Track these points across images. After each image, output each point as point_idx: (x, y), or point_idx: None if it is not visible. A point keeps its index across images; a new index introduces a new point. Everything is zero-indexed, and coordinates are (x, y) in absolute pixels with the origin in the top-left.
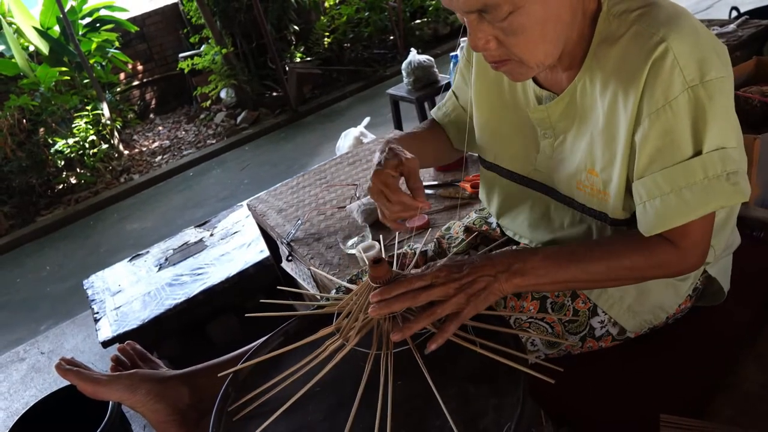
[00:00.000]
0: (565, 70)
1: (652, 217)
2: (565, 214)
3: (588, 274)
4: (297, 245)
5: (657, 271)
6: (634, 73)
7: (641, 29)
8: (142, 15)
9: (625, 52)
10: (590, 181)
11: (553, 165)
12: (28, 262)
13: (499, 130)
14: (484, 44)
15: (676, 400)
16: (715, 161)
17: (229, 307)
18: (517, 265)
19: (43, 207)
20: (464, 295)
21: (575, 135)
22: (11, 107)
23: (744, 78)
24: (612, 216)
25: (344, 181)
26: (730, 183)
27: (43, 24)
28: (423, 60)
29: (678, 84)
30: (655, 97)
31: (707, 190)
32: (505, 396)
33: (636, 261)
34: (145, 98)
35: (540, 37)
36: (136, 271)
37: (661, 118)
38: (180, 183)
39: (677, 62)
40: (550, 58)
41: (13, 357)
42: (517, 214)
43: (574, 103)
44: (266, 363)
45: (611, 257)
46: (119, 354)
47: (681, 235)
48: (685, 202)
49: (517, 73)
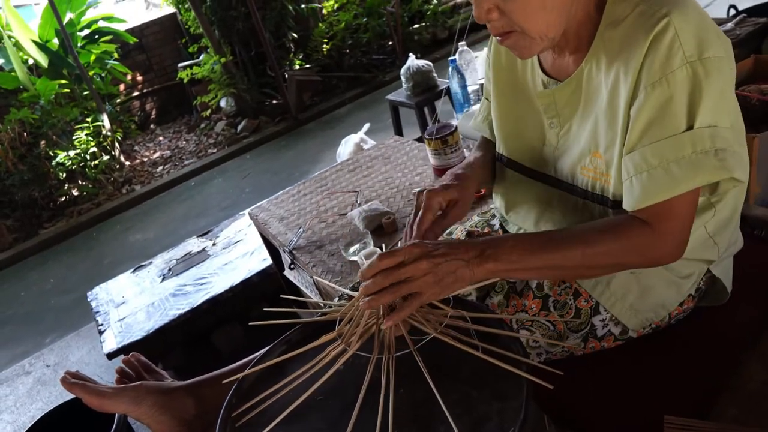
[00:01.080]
0: (573, 53)
1: (637, 192)
2: (567, 203)
3: (562, 260)
4: (299, 253)
5: (633, 256)
6: (636, 48)
7: (645, 8)
8: (141, 26)
9: (629, 31)
10: (594, 164)
11: (558, 155)
12: (32, 275)
13: (508, 119)
14: (487, 13)
15: (680, 401)
16: (705, 137)
17: (234, 316)
18: (489, 251)
19: (46, 220)
20: (432, 276)
21: (580, 120)
22: (12, 121)
23: (743, 76)
24: (613, 198)
25: (345, 188)
26: (717, 159)
27: (42, 37)
28: (422, 65)
29: (677, 58)
30: (653, 69)
31: (694, 165)
32: (508, 400)
33: (611, 246)
34: (146, 109)
35: (539, 3)
36: (139, 282)
37: (656, 90)
38: (182, 193)
39: (678, 37)
40: (552, 30)
41: (19, 370)
42: (522, 206)
43: (580, 88)
44: (270, 372)
45: (586, 243)
46: (124, 366)
47: (659, 216)
48: (672, 176)
49: (521, 46)
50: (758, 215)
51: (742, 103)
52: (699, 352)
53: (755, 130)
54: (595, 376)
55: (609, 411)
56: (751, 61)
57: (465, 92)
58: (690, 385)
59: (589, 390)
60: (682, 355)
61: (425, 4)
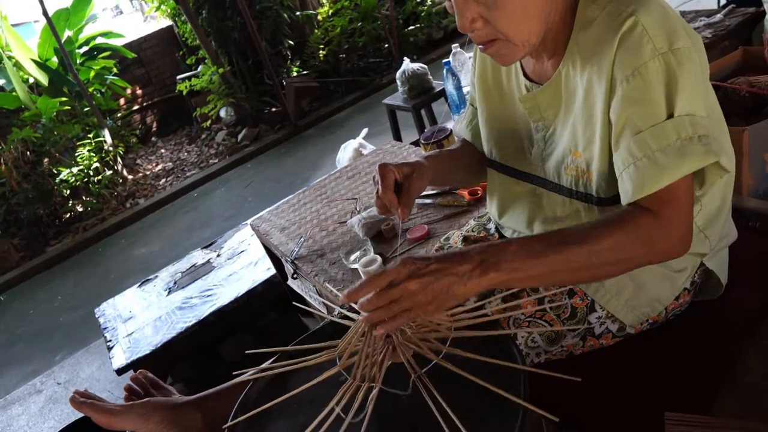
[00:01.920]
0: (550, 57)
1: (628, 186)
2: (556, 202)
3: (568, 262)
4: (301, 263)
5: (641, 248)
6: (606, 47)
7: (612, 9)
8: (138, 40)
9: (599, 31)
10: (575, 163)
11: (546, 156)
12: (40, 293)
13: (496, 125)
14: (471, 23)
15: (681, 397)
16: (686, 125)
17: (240, 326)
18: (490, 260)
19: (52, 237)
20: (423, 295)
21: (563, 121)
22: (15, 140)
23: (731, 69)
24: (596, 195)
25: (344, 196)
26: (702, 144)
27: (41, 56)
28: (416, 68)
29: (648, 51)
30: (625, 64)
31: (680, 152)
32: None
33: (617, 239)
34: (146, 122)
35: (522, 11)
36: (146, 297)
37: (631, 84)
38: (185, 204)
39: (646, 32)
40: (534, 36)
41: (30, 389)
42: (515, 209)
43: (560, 90)
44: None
45: (591, 240)
46: (132, 383)
47: (661, 202)
48: (659, 165)
49: (504, 54)
50: (752, 207)
51: (731, 96)
52: (698, 347)
53: (746, 122)
54: (594, 374)
55: (609, 409)
56: (739, 53)
57: (460, 94)
58: (690, 380)
59: (589, 388)
60: (681, 349)
61: (419, 6)
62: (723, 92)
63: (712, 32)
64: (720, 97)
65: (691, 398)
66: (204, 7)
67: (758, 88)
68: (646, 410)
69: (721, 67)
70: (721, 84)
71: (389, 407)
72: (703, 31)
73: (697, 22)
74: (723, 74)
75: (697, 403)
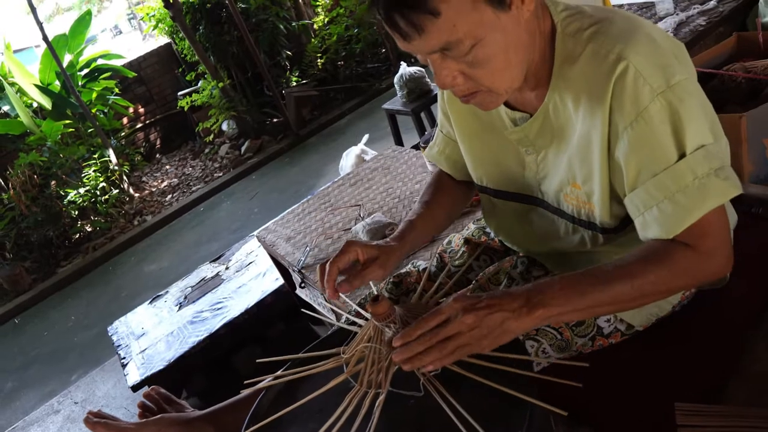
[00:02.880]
0: (532, 90)
1: (654, 227)
2: (559, 225)
3: (612, 296)
4: (308, 272)
5: (683, 279)
6: (598, 92)
7: (597, 48)
8: (138, 59)
9: (585, 70)
10: (575, 193)
11: (540, 179)
12: (53, 314)
13: (483, 155)
14: (451, 81)
15: (691, 388)
16: (700, 160)
17: (252, 337)
18: (537, 298)
19: (63, 258)
20: (479, 330)
21: (556, 152)
22: (22, 165)
23: (726, 55)
24: (600, 225)
25: (348, 203)
26: (721, 179)
27: (43, 80)
28: (414, 72)
29: (646, 94)
30: (625, 111)
31: (700, 191)
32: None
33: (660, 274)
34: (150, 139)
35: (504, 63)
36: (157, 313)
37: (636, 130)
38: (192, 219)
39: (640, 74)
40: (516, 82)
41: (48, 410)
42: (513, 230)
43: (549, 121)
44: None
45: (634, 275)
46: (145, 400)
47: (697, 236)
48: (681, 206)
49: (487, 102)
50: (754, 193)
51: (728, 83)
52: (704, 337)
53: (743, 108)
54: (605, 370)
55: (619, 404)
56: (734, 39)
57: None
58: (699, 371)
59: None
60: (688, 341)
61: None
62: (719, 79)
63: (706, 19)
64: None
65: (701, 388)
66: (201, 23)
67: (754, 74)
68: (656, 403)
69: (716, 53)
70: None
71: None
72: (697, 19)
73: (690, 10)
74: (718, 61)
75: (706, 392)
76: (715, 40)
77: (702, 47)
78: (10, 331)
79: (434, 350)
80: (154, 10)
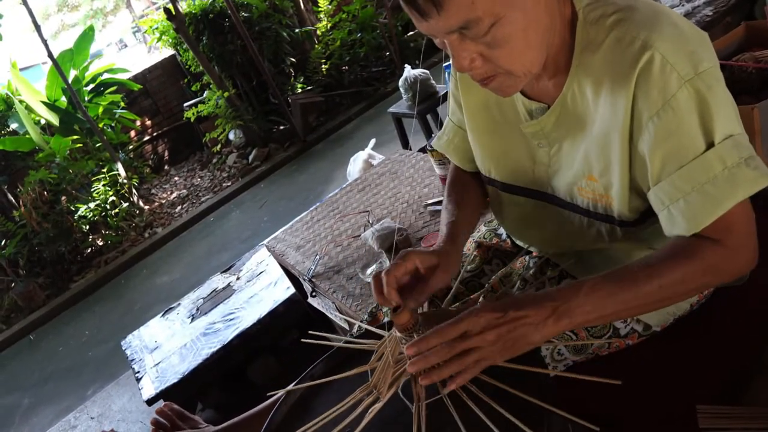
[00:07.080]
0: (551, 78)
1: (681, 221)
2: (573, 220)
3: (639, 298)
4: (318, 281)
5: (710, 276)
6: (622, 80)
7: (620, 35)
8: (143, 72)
9: (609, 58)
10: (591, 186)
11: (552, 173)
12: (67, 330)
13: (493, 147)
14: (469, 63)
15: (712, 388)
16: (730, 149)
17: (265, 347)
18: (562, 307)
19: (75, 273)
20: (501, 344)
21: (571, 143)
22: (31, 182)
23: (735, 45)
24: (618, 218)
25: (356, 209)
26: (751, 168)
27: (50, 97)
28: (418, 74)
29: (673, 81)
30: (651, 100)
31: (730, 181)
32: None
33: (687, 271)
34: (158, 151)
35: (524, 44)
36: (170, 325)
37: (663, 119)
38: (202, 230)
39: (667, 61)
40: (536, 65)
41: (65, 426)
42: (525, 226)
43: (567, 111)
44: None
45: (661, 274)
46: (158, 417)
47: (723, 231)
48: (711, 197)
49: (506, 86)
50: None
51: (738, 74)
52: (724, 335)
53: (755, 99)
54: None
55: (640, 405)
56: (742, 28)
57: None
58: (720, 371)
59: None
60: (708, 339)
61: None
62: (729, 71)
63: (713, 9)
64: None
65: (721, 389)
66: (204, 34)
67: (764, 63)
68: (676, 405)
69: (725, 44)
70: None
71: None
72: (703, 9)
73: (696, 1)
74: (727, 52)
75: (727, 392)
76: (723, 31)
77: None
78: (25, 347)
79: (454, 364)
80: (157, 23)
